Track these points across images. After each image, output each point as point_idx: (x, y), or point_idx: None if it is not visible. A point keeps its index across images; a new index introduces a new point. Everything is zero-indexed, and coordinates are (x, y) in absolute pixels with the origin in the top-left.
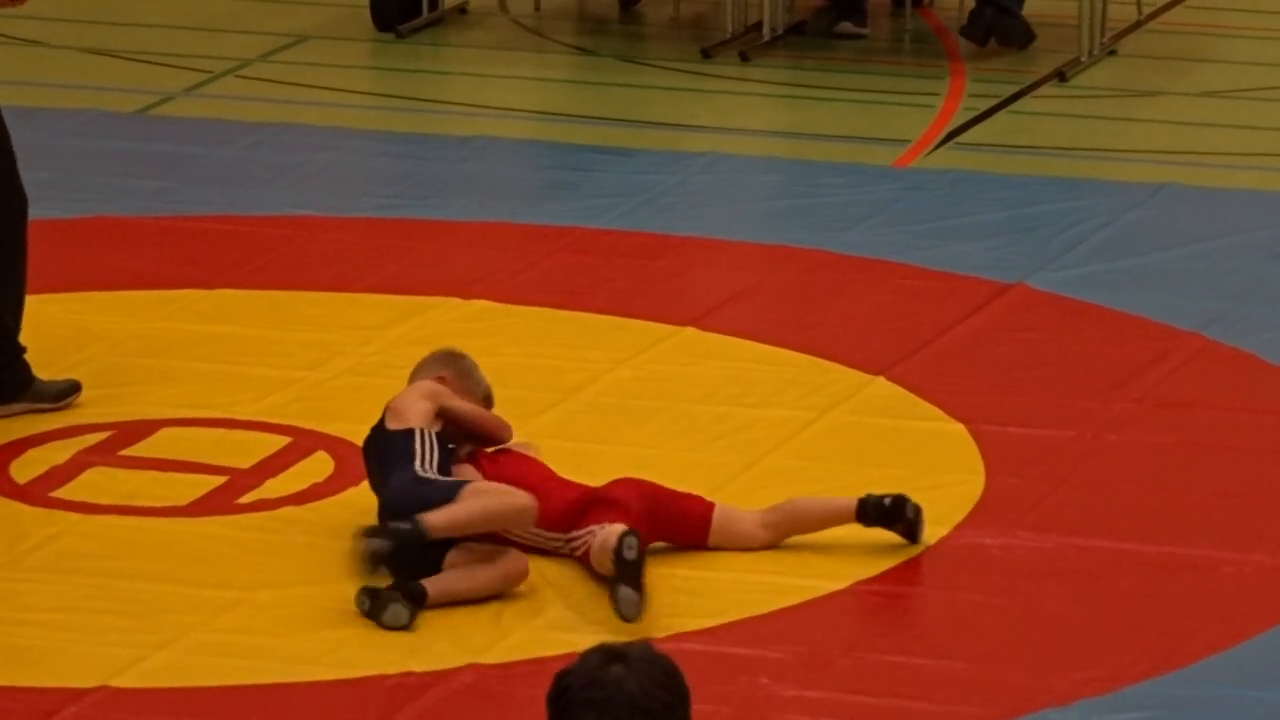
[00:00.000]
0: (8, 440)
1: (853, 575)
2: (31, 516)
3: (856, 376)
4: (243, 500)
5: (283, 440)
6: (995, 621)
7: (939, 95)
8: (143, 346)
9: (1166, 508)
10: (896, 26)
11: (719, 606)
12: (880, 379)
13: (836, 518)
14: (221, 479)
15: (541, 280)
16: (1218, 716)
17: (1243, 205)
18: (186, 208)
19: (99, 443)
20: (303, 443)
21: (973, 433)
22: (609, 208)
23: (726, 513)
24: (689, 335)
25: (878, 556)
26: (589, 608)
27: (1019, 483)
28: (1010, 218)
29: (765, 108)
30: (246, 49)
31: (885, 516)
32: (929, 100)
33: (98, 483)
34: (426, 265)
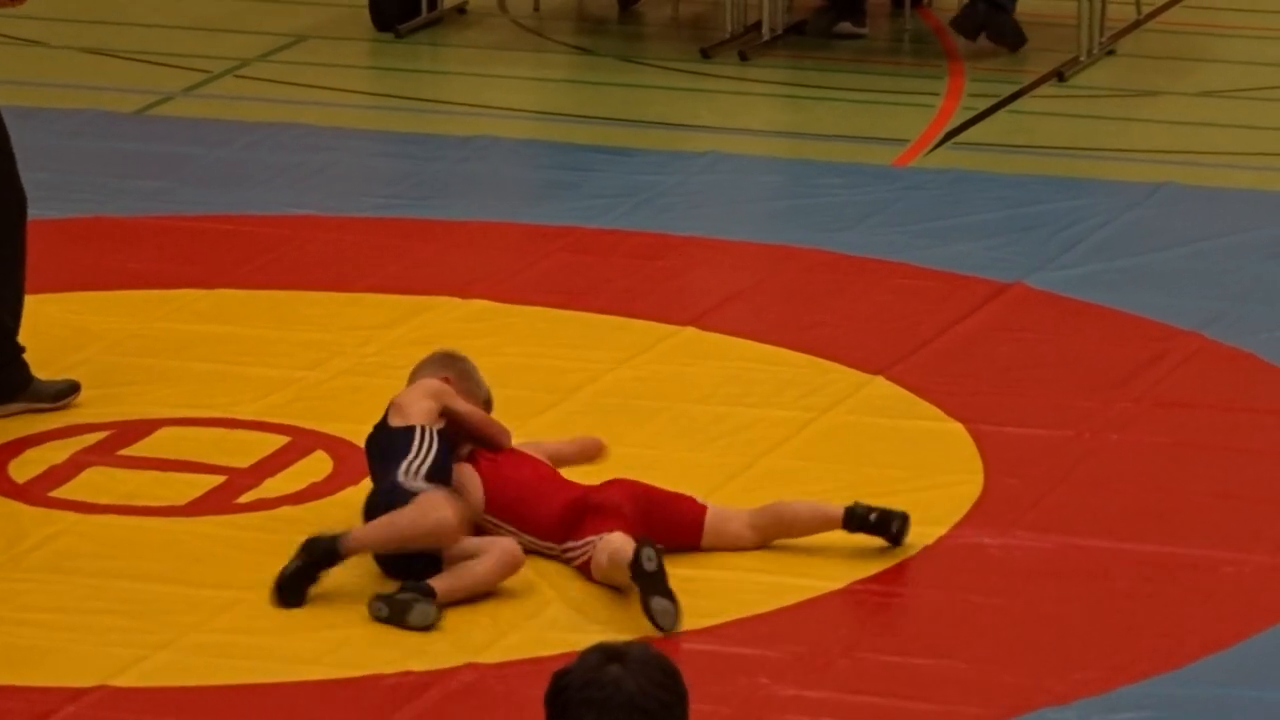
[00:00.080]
0: (7, 440)
1: (851, 575)
2: (30, 516)
3: (855, 376)
4: (242, 500)
5: (282, 440)
6: (994, 621)
7: (938, 95)
8: (141, 346)
9: (1165, 508)
10: (895, 26)
11: (718, 606)
12: (879, 379)
13: (823, 524)
14: (220, 479)
15: (541, 280)
16: (1216, 717)
17: (1241, 205)
18: (185, 208)
19: (98, 442)
20: (302, 442)
21: (971, 432)
22: (608, 208)
23: (719, 515)
24: (689, 335)
25: (877, 557)
26: (587, 607)
27: (1018, 482)
28: (1009, 217)
29: (765, 107)
30: (245, 49)
31: (870, 528)
32: (928, 100)
33: (97, 482)
34: (426, 265)
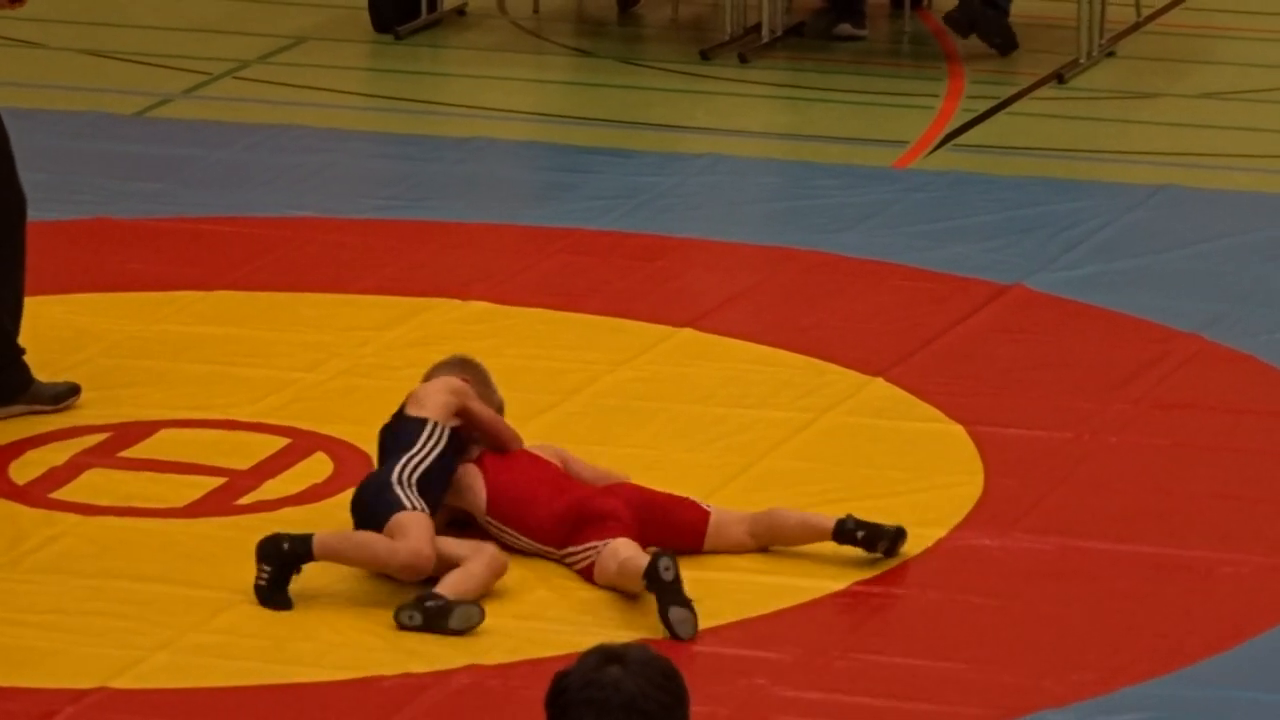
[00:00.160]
0: (7, 441)
1: (851, 576)
2: (30, 518)
3: (855, 377)
4: (241, 501)
5: (281, 441)
6: (993, 623)
7: (937, 97)
8: (141, 348)
9: (1164, 509)
10: (895, 28)
11: (717, 607)
12: (879, 380)
13: (814, 535)
14: (220, 480)
15: (540, 281)
16: (1216, 717)
17: (1241, 207)
18: (185, 209)
19: (98, 444)
20: (301, 444)
21: (971, 434)
22: (607, 209)
23: (720, 521)
24: (687, 336)
25: (876, 559)
26: (587, 609)
27: (1017, 484)
28: (1008, 219)
29: (764, 109)
30: (245, 51)
31: (856, 543)
32: (927, 102)
33: (97, 484)
34: (424, 266)
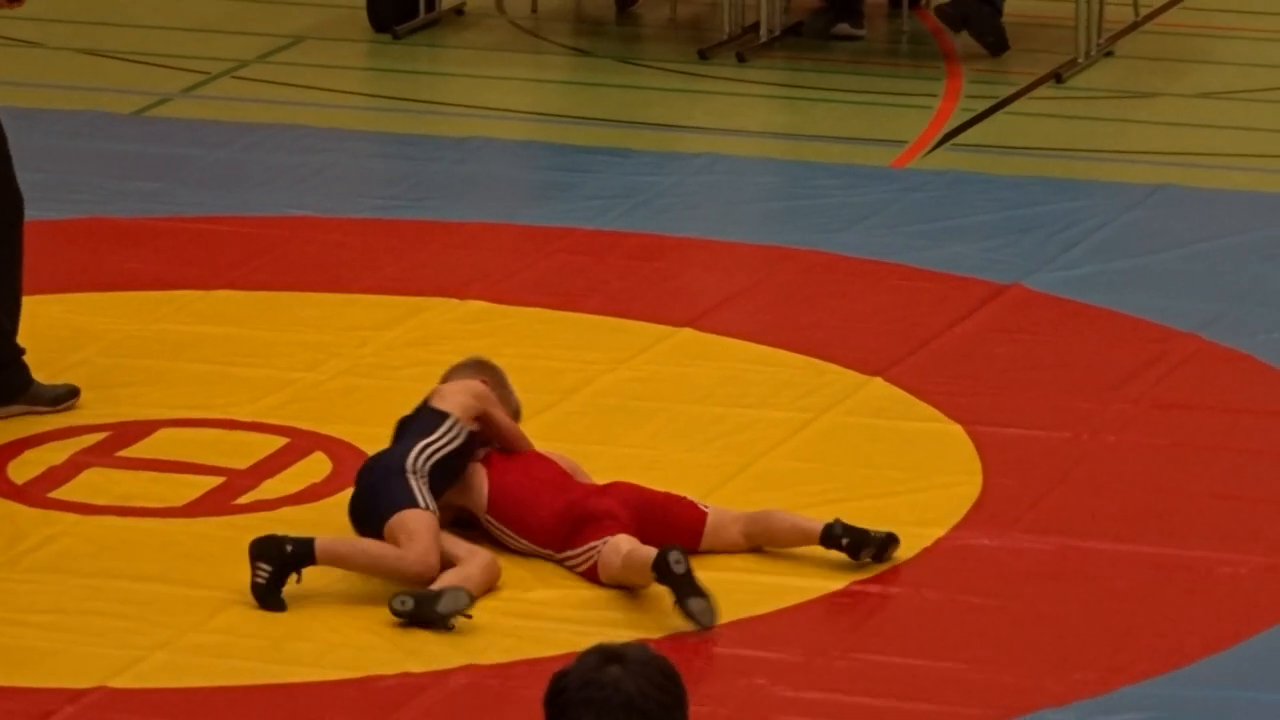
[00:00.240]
0: (6, 441)
1: (850, 576)
2: (29, 517)
3: (853, 377)
4: (240, 501)
5: (280, 441)
6: (992, 622)
7: (936, 96)
8: (140, 347)
9: (1163, 509)
10: (893, 28)
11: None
12: (877, 380)
13: (803, 538)
14: (219, 480)
15: (538, 281)
16: (1215, 717)
17: (1239, 206)
18: (183, 209)
19: (96, 443)
20: (300, 443)
21: (970, 433)
22: (606, 209)
23: (717, 520)
24: (686, 336)
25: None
26: (586, 608)
27: (1016, 484)
28: (1007, 219)
29: (762, 109)
30: (243, 50)
31: (841, 549)
32: (926, 101)
33: (95, 483)
34: (423, 266)
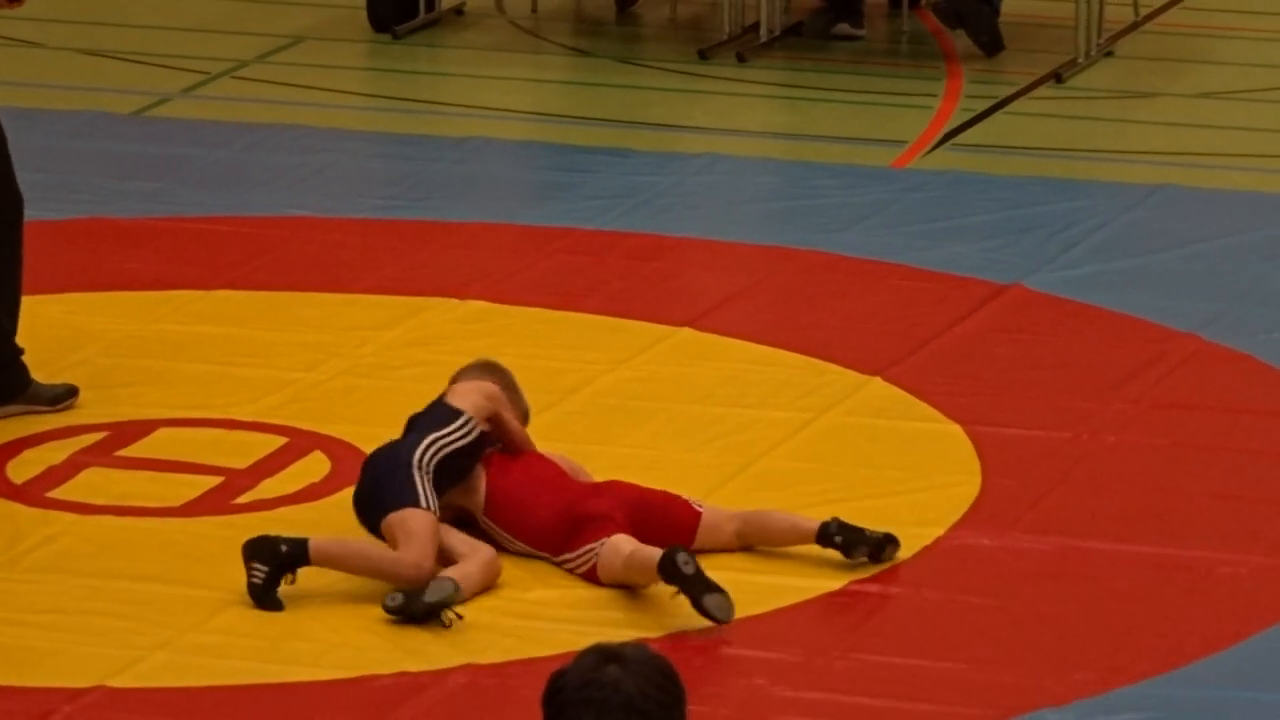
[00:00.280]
0: (5, 441)
1: (849, 576)
2: (28, 517)
3: (853, 377)
4: (239, 501)
5: (279, 441)
6: (992, 622)
7: (936, 96)
8: (139, 347)
9: (1163, 509)
10: (893, 28)
11: None
12: (877, 380)
13: (799, 537)
14: (218, 479)
15: (538, 281)
16: (1214, 717)
17: (1239, 206)
18: (183, 209)
19: (96, 443)
20: (299, 443)
21: (969, 434)
22: (606, 209)
23: (711, 519)
24: (686, 336)
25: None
26: (584, 608)
27: (1015, 484)
28: (1007, 219)
29: (762, 109)
30: (243, 50)
31: (835, 547)
32: (926, 101)
33: (94, 483)
34: (423, 266)
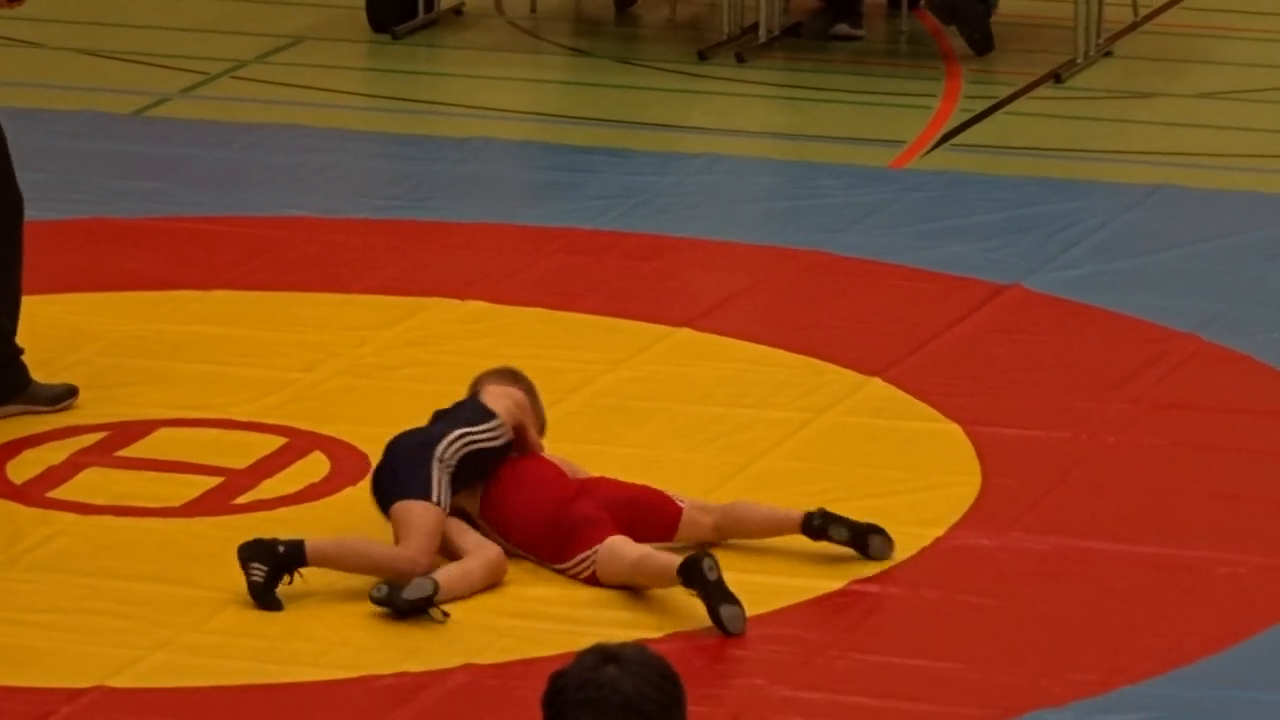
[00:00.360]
0: (4, 441)
1: (848, 576)
2: (28, 517)
3: (852, 377)
4: (239, 501)
5: (278, 441)
6: (991, 622)
7: (935, 96)
8: (138, 347)
9: (1162, 509)
10: (892, 28)
11: None
12: (876, 380)
13: (781, 527)
14: (217, 480)
15: (538, 281)
16: (1213, 717)
17: (1239, 206)
18: (182, 209)
19: (95, 443)
20: (298, 443)
21: (969, 434)
22: (605, 209)
23: (691, 514)
24: (685, 336)
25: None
26: (584, 608)
27: (1015, 484)
28: (1006, 219)
29: (761, 109)
30: (242, 50)
31: (820, 536)
32: (925, 101)
33: (94, 483)
34: (423, 266)
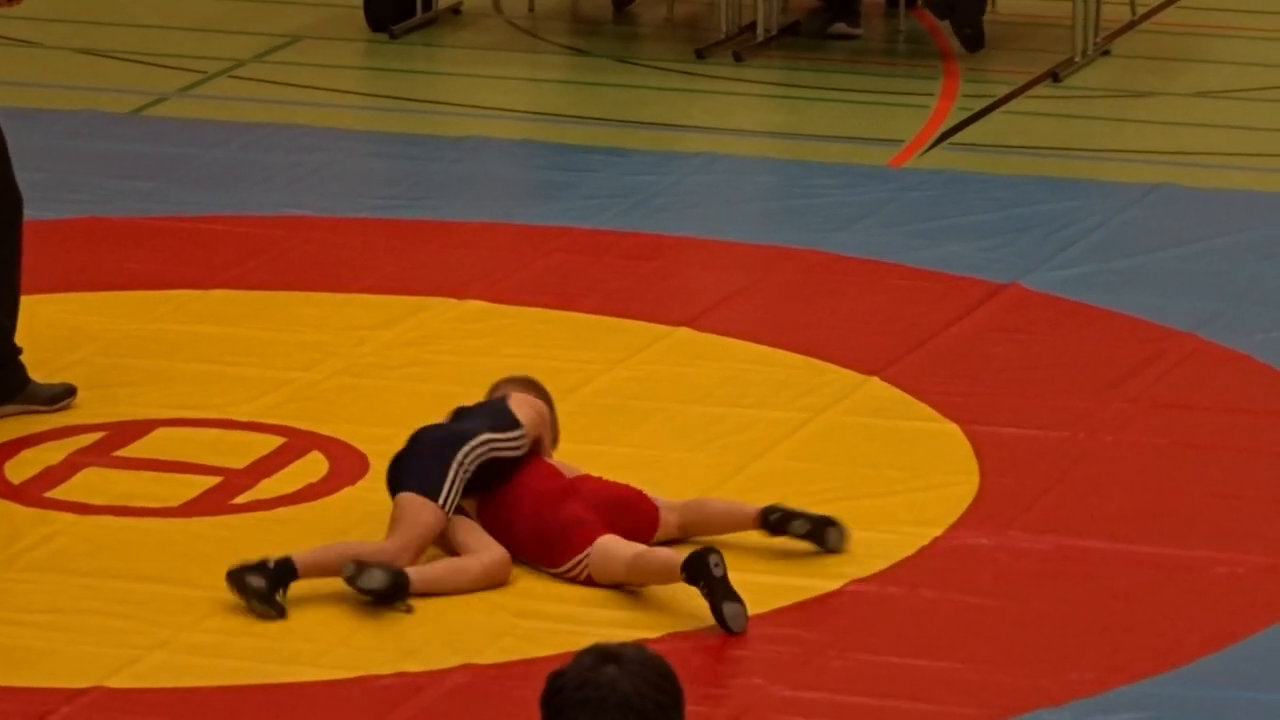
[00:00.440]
0: (3, 440)
1: (846, 575)
2: (26, 517)
3: (851, 377)
4: (237, 501)
5: (277, 441)
6: (989, 622)
7: (933, 95)
8: (137, 347)
9: (1161, 508)
10: (890, 27)
11: None
12: (875, 379)
13: (739, 522)
14: (216, 479)
15: (536, 281)
16: (1212, 717)
17: (1236, 205)
18: (181, 208)
19: (93, 443)
20: (297, 443)
21: (967, 433)
22: (603, 208)
23: (662, 515)
24: (684, 336)
25: (871, 557)
26: (582, 608)
27: (1013, 483)
28: (1004, 218)
29: (759, 108)
30: (240, 49)
31: (770, 525)
32: (923, 101)
33: (92, 483)
34: (421, 266)
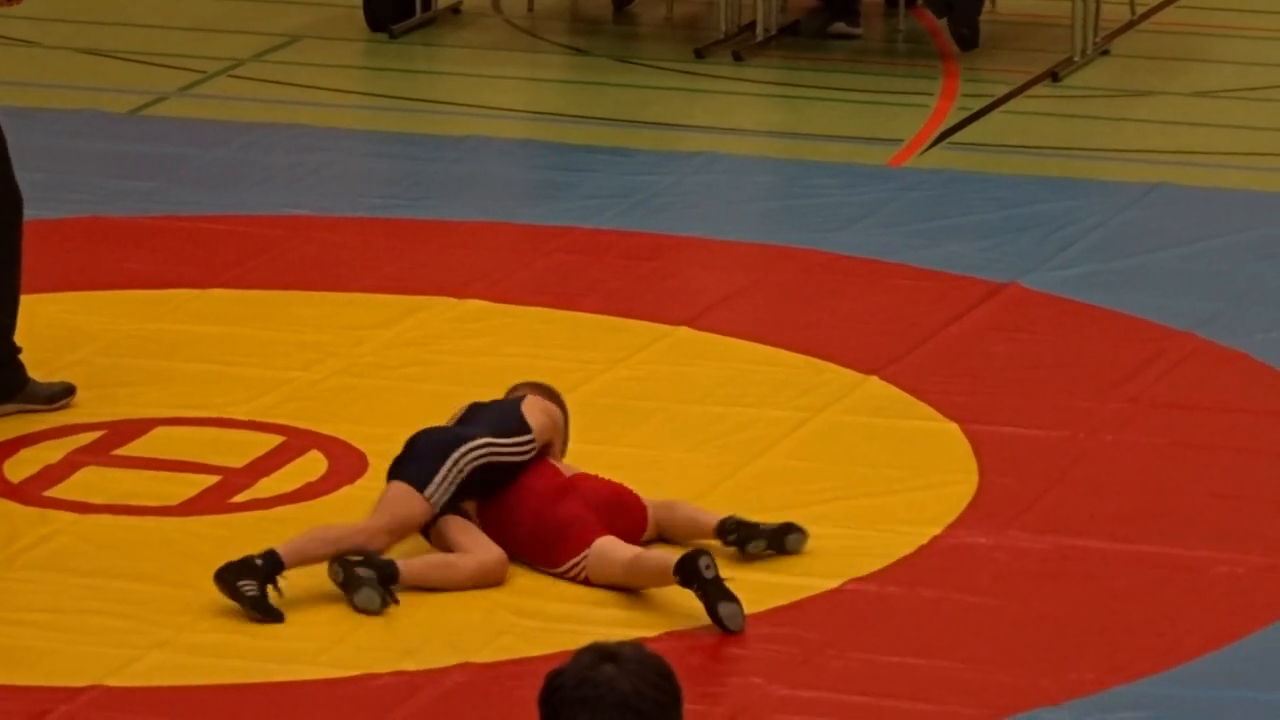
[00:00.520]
0: (2, 439)
1: (845, 574)
2: (25, 516)
3: (850, 376)
4: (236, 500)
5: (276, 440)
6: (988, 622)
7: (932, 95)
8: (136, 346)
9: (1160, 508)
10: (890, 27)
11: None
12: (874, 379)
13: (698, 531)
14: (215, 479)
15: (536, 280)
16: (1211, 717)
17: (1236, 205)
18: (180, 208)
19: (92, 442)
20: (296, 442)
21: (966, 433)
22: (603, 208)
23: (653, 514)
24: (683, 335)
25: (870, 556)
26: (581, 607)
27: (1013, 483)
28: (1004, 218)
29: (759, 108)
30: (240, 49)
31: (730, 544)
32: (922, 100)
33: (91, 482)
34: (421, 265)
